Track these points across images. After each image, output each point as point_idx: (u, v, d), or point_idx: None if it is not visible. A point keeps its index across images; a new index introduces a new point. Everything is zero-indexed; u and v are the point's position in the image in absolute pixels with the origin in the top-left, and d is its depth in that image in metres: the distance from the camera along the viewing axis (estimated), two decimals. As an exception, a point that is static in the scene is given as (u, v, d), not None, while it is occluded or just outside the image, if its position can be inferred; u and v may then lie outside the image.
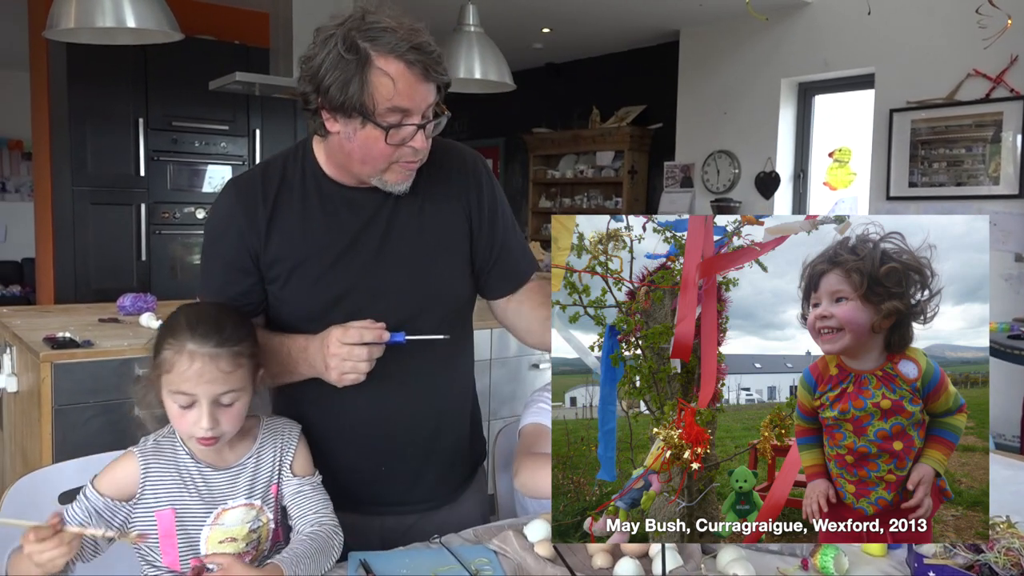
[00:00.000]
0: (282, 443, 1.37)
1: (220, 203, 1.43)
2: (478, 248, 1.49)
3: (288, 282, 1.39)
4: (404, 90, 1.24)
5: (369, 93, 1.24)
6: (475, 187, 1.48)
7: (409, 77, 1.24)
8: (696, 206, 6.08)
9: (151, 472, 1.28)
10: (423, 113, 1.28)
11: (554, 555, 1.32)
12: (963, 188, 4.60)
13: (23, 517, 1.37)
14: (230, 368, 1.24)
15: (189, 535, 1.28)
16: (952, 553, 1.33)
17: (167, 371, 1.23)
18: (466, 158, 1.50)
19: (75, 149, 4.58)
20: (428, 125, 1.30)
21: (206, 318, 1.26)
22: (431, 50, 1.25)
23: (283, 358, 1.37)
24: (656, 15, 5.75)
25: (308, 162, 1.43)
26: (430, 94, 1.28)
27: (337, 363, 1.28)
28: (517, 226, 1.58)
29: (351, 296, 1.39)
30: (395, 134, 1.27)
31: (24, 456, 2.62)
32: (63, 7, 2.79)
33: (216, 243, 1.42)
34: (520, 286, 1.54)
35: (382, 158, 1.30)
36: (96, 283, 4.65)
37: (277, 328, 1.43)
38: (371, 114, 1.25)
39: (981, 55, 4.46)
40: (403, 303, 1.41)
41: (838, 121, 5.54)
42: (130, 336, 2.66)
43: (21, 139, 8.03)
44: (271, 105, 5.02)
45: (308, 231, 1.39)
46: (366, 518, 1.46)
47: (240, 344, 1.26)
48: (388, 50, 1.23)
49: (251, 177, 1.43)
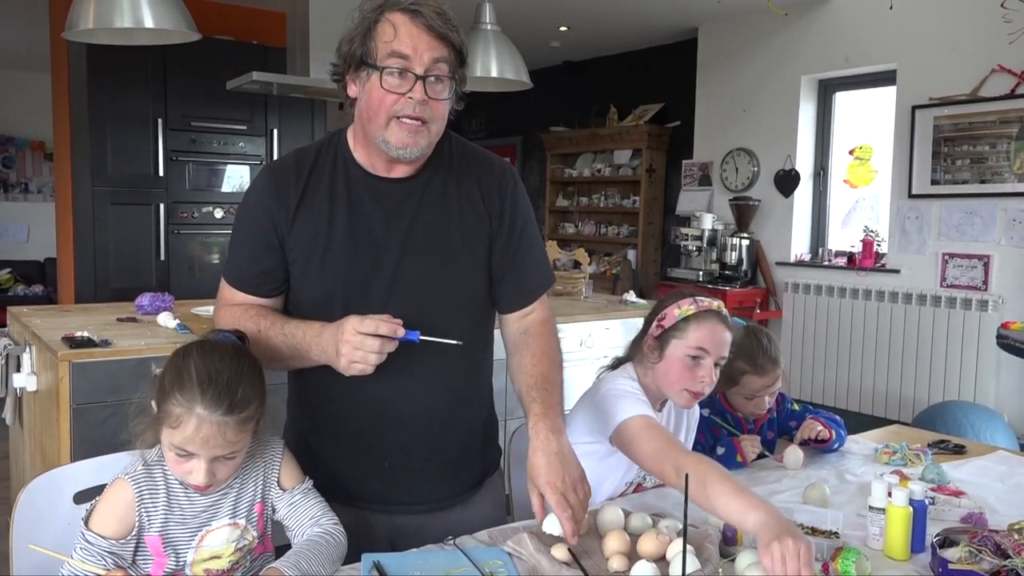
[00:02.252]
0: (265, 462, 1.36)
1: (254, 184, 1.47)
2: (494, 256, 1.49)
3: (308, 265, 1.41)
4: (404, 37, 1.30)
5: (373, 40, 1.32)
6: (501, 195, 1.49)
7: (410, 25, 1.31)
8: (715, 204, 6.03)
9: (145, 499, 1.27)
10: (427, 67, 1.31)
11: (569, 558, 1.30)
12: (987, 185, 4.53)
13: (38, 518, 1.38)
14: (236, 436, 1.23)
15: (176, 556, 1.29)
16: (978, 558, 1.30)
17: (171, 426, 1.21)
18: (496, 166, 1.52)
19: (95, 149, 4.62)
20: (430, 80, 1.32)
21: (217, 376, 1.22)
22: (442, 13, 1.32)
23: (297, 342, 1.37)
24: (674, 12, 5.71)
25: (341, 148, 1.46)
26: (435, 49, 1.32)
27: (348, 350, 1.29)
28: (540, 247, 1.58)
29: (369, 285, 1.40)
30: (391, 81, 1.31)
31: (43, 455, 2.64)
32: (82, 8, 2.81)
33: (246, 222, 1.46)
34: (526, 304, 1.53)
35: (383, 109, 1.33)
36: (115, 283, 4.68)
37: (294, 312, 1.45)
38: (372, 59, 1.32)
39: (1006, 50, 4.39)
40: (420, 299, 1.41)
41: (859, 118, 5.47)
42: (147, 335, 2.67)
43: (43, 140, 8.11)
44: (288, 104, 5.03)
45: (333, 217, 1.41)
46: (373, 515, 1.46)
47: (249, 406, 1.24)
48: (399, 7, 1.32)
49: (285, 161, 1.47)
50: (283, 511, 1.35)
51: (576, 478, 1.29)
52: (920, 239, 4.83)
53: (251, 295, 1.45)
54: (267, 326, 1.40)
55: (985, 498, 1.71)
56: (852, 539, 1.46)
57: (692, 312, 1.64)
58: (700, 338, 1.63)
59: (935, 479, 1.77)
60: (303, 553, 1.26)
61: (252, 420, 1.26)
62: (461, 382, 1.50)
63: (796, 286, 5.44)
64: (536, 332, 1.51)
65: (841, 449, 2.03)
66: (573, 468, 1.30)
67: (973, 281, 4.60)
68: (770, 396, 2.00)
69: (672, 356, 1.65)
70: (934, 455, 2.01)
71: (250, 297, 1.45)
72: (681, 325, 1.64)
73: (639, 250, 6.64)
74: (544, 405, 1.38)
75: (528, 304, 1.53)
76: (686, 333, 1.64)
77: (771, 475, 1.84)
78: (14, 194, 8.39)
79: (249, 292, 1.45)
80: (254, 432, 1.29)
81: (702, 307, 1.65)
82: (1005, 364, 4.41)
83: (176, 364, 1.25)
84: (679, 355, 1.64)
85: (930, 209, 4.77)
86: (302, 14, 3.85)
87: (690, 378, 1.64)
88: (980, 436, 3.52)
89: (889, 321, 4.93)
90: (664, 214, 6.67)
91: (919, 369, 4.79)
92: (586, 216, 7.31)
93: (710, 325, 1.64)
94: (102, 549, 1.24)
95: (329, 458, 1.44)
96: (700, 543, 1.35)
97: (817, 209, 5.64)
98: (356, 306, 1.35)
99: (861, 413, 5.03)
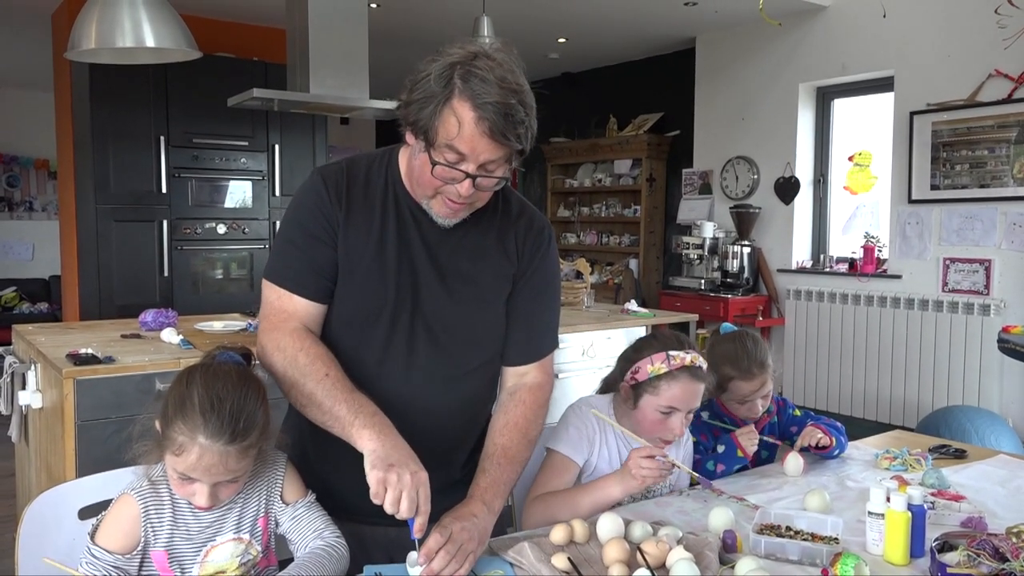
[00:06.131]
0: (268, 477, 1.37)
1: (307, 186, 1.45)
2: (509, 305, 1.52)
3: (352, 275, 1.42)
4: (466, 137, 1.27)
5: (435, 125, 1.28)
6: (531, 249, 1.52)
7: (474, 128, 1.26)
8: (715, 213, 6.05)
9: (150, 514, 1.29)
10: (481, 164, 1.30)
11: (570, 567, 1.31)
12: (986, 190, 4.54)
13: (43, 534, 1.39)
14: (238, 464, 1.24)
15: (182, 571, 1.30)
16: (976, 562, 1.31)
17: (175, 453, 1.22)
18: (536, 223, 1.55)
19: (98, 167, 4.65)
20: (480, 179, 1.31)
21: (220, 405, 1.21)
22: (511, 114, 1.27)
23: (336, 419, 1.33)
24: (672, 23, 5.74)
25: (392, 169, 1.47)
26: (493, 151, 1.29)
27: (381, 477, 1.23)
28: (556, 312, 1.60)
29: (398, 311, 1.42)
30: (443, 171, 1.30)
31: (49, 471, 2.65)
32: (84, 28, 2.84)
33: (303, 218, 1.43)
34: (527, 362, 1.55)
35: (429, 186, 1.35)
36: (120, 299, 4.71)
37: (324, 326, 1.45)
38: (431, 143, 1.30)
39: (1002, 55, 4.41)
40: (441, 335, 1.45)
41: (857, 125, 5.49)
42: (151, 351, 2.68)
43: (47, 159, 8.17)
44: (289, 120, 5.06)
45: (383, 234, 1.42)
46: (368, 528, 1.47)
47: (252, 434, 1.24)
48: (469, 96, 1.26)
49: (339, 166, 1.47)
50: (286, 525, 1.36)
51: (469, 551, 1.28)
52: (921, 244, 4.83)
53: (306, 297, 1.41)
54: (336, 375, 1.36)
55: (985, 502, 1.71)
56: (852, 544, 1.47)
57: (663, 372, 1.66)
58: (672, 397, 1.66)
59: (935, 484, 1.78)
60: (306, 565, 1.27)
61: (255, 447, 1.26)
62: (464, 404, 1.52)
63: (798, 293, 5.45)
64: (521, 399, 1.53)
65: (842, 455, 2.04)
66: (473, 542, 1.30)
67: (974, 286, 4.60)
68: (763, 400, 2.01)
69: (645, 408, 1.69)
70: (934, 460, 2.01)
71: (303, 301, 1.42)
72: (654, 382, 1.67)
73: (641, 259, 6.65)
74: (490, 480, 1.42)
75: (529, 363, 1.56)
76: (658, 391, 1.67)
77: (772, 482, 1.85)
78: (19, 212, 8.44)
79: (304, 294, 1.41)
80: (258, 455, 1.30)
81: (674, 366, 1.66)
82: (1008, 368, 4.41)
83: (179, 390, 1.25)
84: (651, 409, 1.68)
85: (930, 214, 4.78)
86: (302, 30, 3.88)
87: (661, 430, 1.69)
88: (984, 441, 3.52)
89: (891, 326, 4.93)
90: (665, 223, 6.69)
91: (922, 374, 4.79)
92: (587, 226, 7.33)
93: (681, 384, 1.66)
94: (108, 564, 1.25)
95: (318, 477, 1.45)
96: (700, 550, 1.35)
97: (818, 216, 5.65)
98: (379, 330, 1.40)
99: (865, 419, 5.02)
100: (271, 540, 1.39)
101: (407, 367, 1.43)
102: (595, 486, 1.61)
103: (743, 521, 1.55)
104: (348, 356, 1.41)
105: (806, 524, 1.49)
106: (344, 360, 1.40)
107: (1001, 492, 1.80)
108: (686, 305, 5.60)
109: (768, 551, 1.43)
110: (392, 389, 1.42)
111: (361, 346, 1.43)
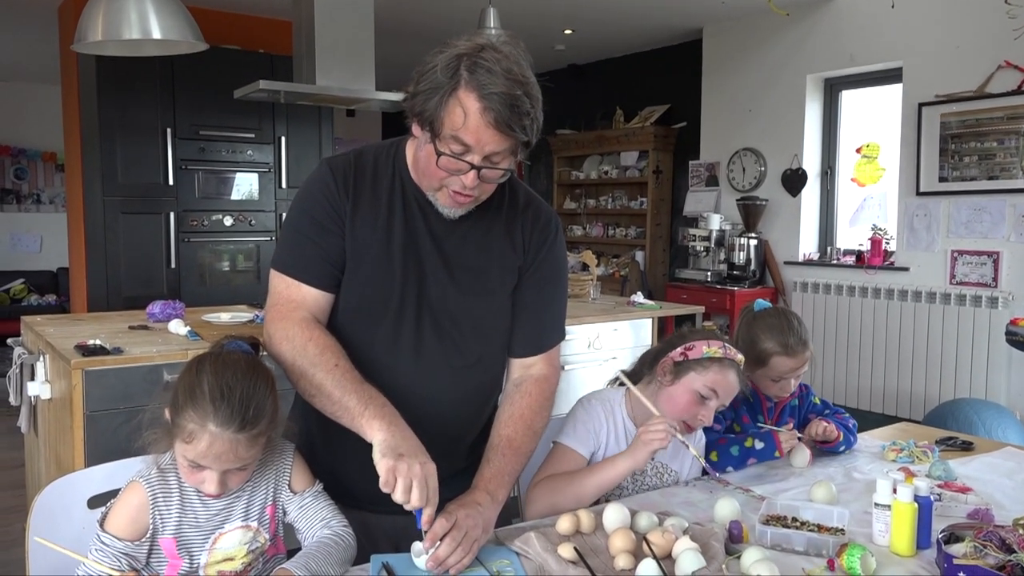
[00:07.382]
0: (276, 466, 1.37)
1: (315, 176, 1.46)
2: (515, 297, 1.52)
3: (359, 265, 1.42)
4: (471, 127, 1.26)
5: (441, 116, 1.28)
6: (537, 241, 1.52)
7: (480, 118, 1.26)
8: (722, 204, 6.03)
9: (159, 502, 1.29)
10: (486, 156, 1.30)
11: (576, 556, 1.32)
12: (995, 182, 4.52)
13: (52, 523, 1.40)
14: (248, 452, 1.25)
15: (190, 558, 1.31)
16: (983, 553, 1.31)
17: (185, 441, 1.23)
18: (543, 215, 1.55)
19: (105, 160, 4.67)
20: (484, 171, 1.31)
21: (230, 393, 1.22)
22: (517, 106, 1.26)
23: (360, 409, 1.33)
24: (678, 14, 5.72)
25: (399, 160, 1.47)
26: (498, 142, 1.28)
27: (391, 466, 1.24)
28: (562, 304, 1.60)
29: (403, 302, 1.43)
30: (447, 162, 1.30)
31: (58, 462, 2.67)
32: (90, 21, 2.84)
33: (311, 208, 1.43)
34: (533, 354, 1.56)
35: (434, 177, 1.35)
36: (127, 291, 4.73)
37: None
38: (436, 134, 1.29)
39: (1011, 46, 4.38)
40: (448, 324, 1.45)
41: (866, 116, 5.47)
42: (159, 343, 2.69)
43: (55, 151, 8.19)
44: (296, 112, 5.07)
45: (390, 225, 1.43)
46: (375, 517, 1.48)
47: (261, 421, 1.24)
48: (475, 87, 1.25)
49: (346, 158, 1.47)
50: (294, 513, 1.37)
51: (474, 538, 1.29)
52: (929, 237, 4.82)
53: (314, 286, 1.42)
54: (345, 366, 1.36)
55: (992, 494, 1.71)
56: (858, 536, 1.47)
57: (719, 356, 1.68)
58: (717, 381, 1.68)
59: (942, 475, 1.77)
60: (313, 554, 1.28)
61: (264, 435, 1.27)
62: (469, 394, 1.52)
63: (805, 285, 5.44)
64: (527, 390, 1.53)
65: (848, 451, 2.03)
66: (478, 529, 1.31)
67: (983, 278, 4.58)
68: (796, 379, 2.00)
69: (685, 385, 1.69)
70: (941, 452, 2.01)
71: (311, 290, 1.42)
72: (705, 363, 1.68)
73: (647, 251, 6.64)
74: (495, 470, 1.43)
75: (535, 355, 1.56)
76: (707, 371, 1.68)
77: (778, 473, 1.85)
78: (27, 205, 8.47)
79: (312, 282, 1.42)
80: (267, 443, 1.31)
81: (729, 355, 1.70)
82: (1016, 361, 4.39)
83: (189, 379, 1.25)
84: (692, 387, 1.68)
85: (938, 206, 4.76)
86: (308, 22, 3.88)
87: (691, 413, 1.69)
88: (992, 433, 3.51)
89: (899, 319, 4.92)
90: (672, 215, 6.68)
91: (929, 367, 4.78)
92: (594, 218, 7.32)
93: (729, 374, 1.69)
94: (117, 550, 1.26)
95: (324, 464, 1.46)
96: (705, 540, 1.36)
97: (825, 208, 5.63)
98: (382, 320, 1.40)
99: (872, 411, 5.02)
100: (279, 528, 1.39)
101: (413, 357, 1.44)
102: (600, 464, 1.63)
103: (749, 512, 1.55)
104: (354, 346, 1.42)
105: (812, 515, 1.49)
106: (350, 350, 1.40)
107: (1008, 484, 1.80)
108: (692, 297, 5.59)
109: (774, 542, 1.43)
110: (397, 379, 1.42)
111: (367, 336, 1.44)
